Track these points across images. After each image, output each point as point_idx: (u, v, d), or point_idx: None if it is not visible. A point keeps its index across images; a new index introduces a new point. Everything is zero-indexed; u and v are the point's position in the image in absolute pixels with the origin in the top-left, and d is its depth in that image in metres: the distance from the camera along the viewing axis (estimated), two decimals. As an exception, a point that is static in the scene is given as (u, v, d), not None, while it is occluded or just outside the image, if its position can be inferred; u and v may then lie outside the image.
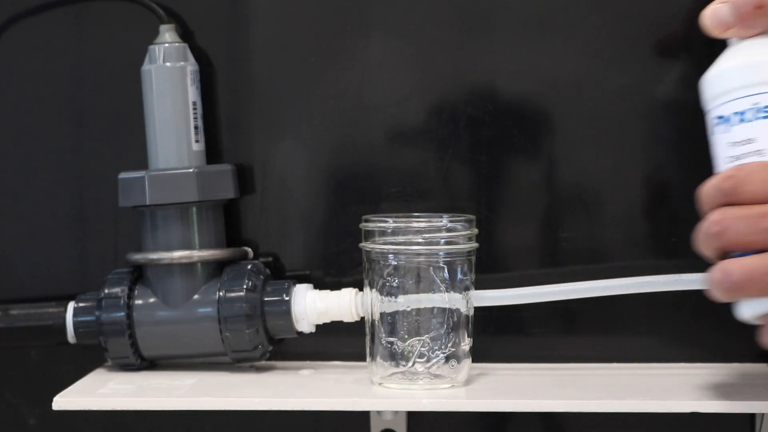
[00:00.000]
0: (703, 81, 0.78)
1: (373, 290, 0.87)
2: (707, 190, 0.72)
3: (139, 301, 0.92)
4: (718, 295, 0.72)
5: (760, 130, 0.74)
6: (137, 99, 0.94)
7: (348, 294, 0.90)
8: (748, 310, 0.73)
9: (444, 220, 0.87)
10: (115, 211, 0.97)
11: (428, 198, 0.94)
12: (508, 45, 0.93)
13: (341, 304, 0.90)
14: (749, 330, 0.94)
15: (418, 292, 0.86)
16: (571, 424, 0.98)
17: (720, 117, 0.76)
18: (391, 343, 0.86)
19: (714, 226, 0.70)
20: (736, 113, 0.75)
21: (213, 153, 0.96)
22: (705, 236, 0.71)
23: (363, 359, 0.89)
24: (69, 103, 0.98)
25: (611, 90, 0.92)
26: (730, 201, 0.70)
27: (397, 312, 0.86)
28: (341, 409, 0.85)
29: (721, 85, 0.77)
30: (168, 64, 0.93)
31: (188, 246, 0.92)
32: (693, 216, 0.93)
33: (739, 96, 0.75)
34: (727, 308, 0.93)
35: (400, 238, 0.86)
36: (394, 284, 0.86)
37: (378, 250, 0.86)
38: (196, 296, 0.92)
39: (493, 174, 0.94)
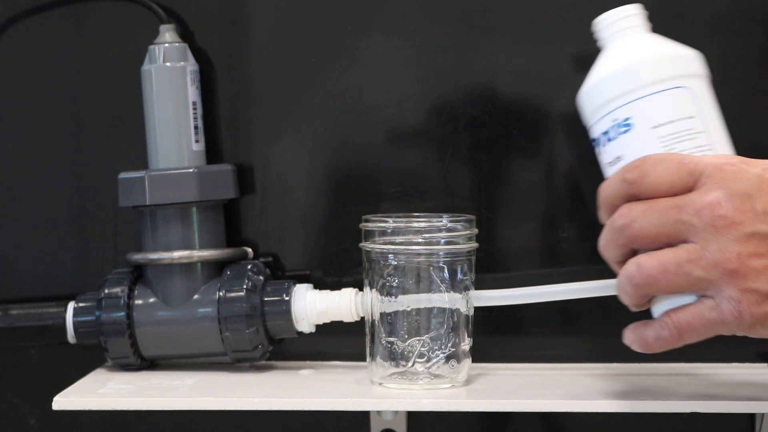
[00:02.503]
0: (578, 101, 0.80)
1: (373, 290, 0.87)
2: (610, 184, 0.71)
3: (139, 301, 0.92)
4: (630, 291, 0.70)
5: (624, 146, 0.74)
6: (137, 99, 0.94)
7: (348, 294, 0.90)
8: (659, 310, 0.71)
9: (444, 220, 0.87)
10: (115, 211, 0.97)
11: (428, 198, 0.94)
12: (508, 45, 0.93)
13: (341, 304, 0.90)
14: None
15: (418, 292, 0.86)
16: (571, 424, 0.98)
17: (593, 140, 0.77)
18: (391, 343, 0.86)
19: (621, 219, 0.69)
20: (603, 133, 0.76)
21: (213, 153, 0.96)
22: (611, 231, 0.70)
23: (363, 359, 0.89)
24: (69, 103, 0.98)
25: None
26: (635, 192, 0.69)
27: (397, 312, 0.86)
28: (341, 409, 0.85)
29: (588, 105, 0.78)
30: (168, 64, 0.93)
31: (188, 246, 0.92)
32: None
33: (601, 116, 0.76)
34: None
35: (400, 238, 0.86)
36: (394, 284, 0.86)
37: (378, 250, 0.86)
38: (196, 296, 0.92)
39: (493, 174, 0.94)
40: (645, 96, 0.74)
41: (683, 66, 0.76)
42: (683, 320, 0.68)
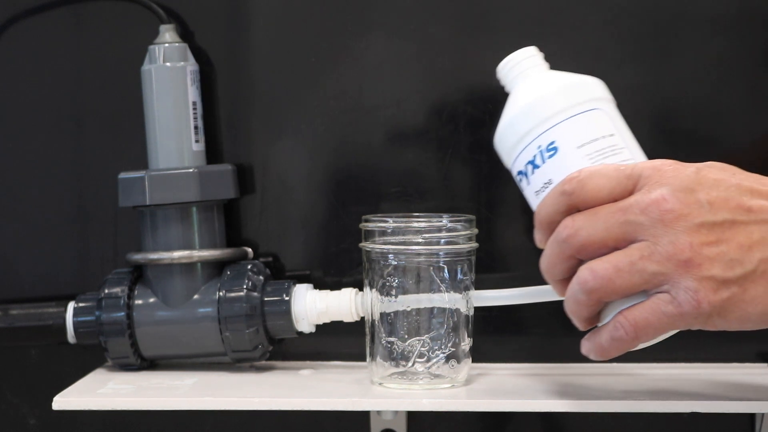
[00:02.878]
0: (495, 144, 0.80)
1: (373, 290, 0.87)
2: (547, 200, 0.70)
3: (139, 301, 0.92)
4: (583, 299, 0.68)
5: (553, 169, 0.75)
6: (137, 99, 0.94)
7: (348, 294, 0.90)
8: (610, 317, 0.70)
9: (444, 220, 0.87)
10: (115, 211, 0.97)
11: (428, 198, 0.94)
12: (508, 45, 0.93)
13: (341, 304, 0.90)
14: (749, 330, 0.94)
15: (418, 292, 0.86)
16: (571, 424, 0.98)
17: (520, 173, 0.77)
18: (391, 343, 0.86)
19: (565, 230, 0.68)
20: (528, 163, 0.76)
21: (213, 153, 0.96)
22: (556, 244, 0.69)
23: (363, 359, 0.89)
24: (69, 103, 0.98)
25: (611, 90, 0.92)
26: (575, 202, 0.68)
27: (397, 312, 0.86)
28: (341, 409, 0.85)
29: (506, 142, 0.78)
30: (168, 64, 0.93)
31: (188, 246, 0.92)
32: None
33: (524, 147, 0.77)
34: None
35: (400, 238, 0.86)
36: (394, 284, 0.86)
37: (378, 250, 0.86)
38: (196, 296, 0.92)
39: (493, 174, 0.94)
40: (565, 119, 0.76)
41: (593, 90, 0.79)
42: (639, 317, 0.67)
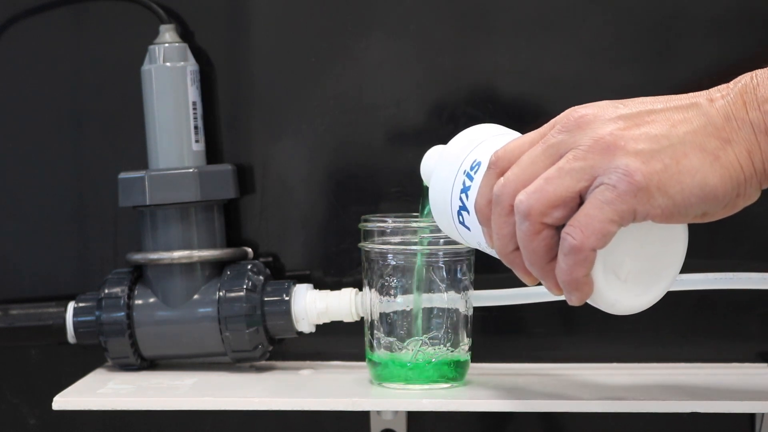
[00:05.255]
0: (435, 218, 0.76)
1: (373, 290, 0.87)
2: (480, 185, 0.69)
3: (139, 301, 0.93)
4: (526, 228, 0.65)
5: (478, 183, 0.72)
6: (137, 99, 0.94)
7: (348, 294, 0.90)
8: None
9: (444, 220, 0.87)
10: (115, 211, 0.97)
11: (428, 198, 0.94)
12: (508, 45, 0.93)
13: (341, 304, 0.90)
14: (749, 330, 0.94)
15: (417, 292, 0.86)
16: (571, 424, 0.98)
17: (459, 210, 0.73)
18: (391, 343, 0.86)
19: (497, 187, 0.66)
20: (461, 192, 0.73)
21: (213, 153, 0.96)
22: (496, 206, 0.67)
23: (363, 359, 0.89)
24: (69, 103, 0.98)
25: (611, 90, 0.92)
26: (502, 167, 0.67)
27: (396, 312, 0.86)
28: (341, 409, 0.85)
29: (439, 200, 0.75)
30: (168, 64, 0.93)
31: (188, 246, 0.92)
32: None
33: (453, 181, 0.73)
34: (727, 308, 0.93)
35: (399, 238, 0.86)
36: (393, 284, 0.86)
37: (377, 250, 0.86)
38: (196, 296, 0.92)
39: (493, 174, 0.93)
40: (482, 142, 0.73)
41: (503, 127, 0.76)
42: (581, 216, 0.64)
